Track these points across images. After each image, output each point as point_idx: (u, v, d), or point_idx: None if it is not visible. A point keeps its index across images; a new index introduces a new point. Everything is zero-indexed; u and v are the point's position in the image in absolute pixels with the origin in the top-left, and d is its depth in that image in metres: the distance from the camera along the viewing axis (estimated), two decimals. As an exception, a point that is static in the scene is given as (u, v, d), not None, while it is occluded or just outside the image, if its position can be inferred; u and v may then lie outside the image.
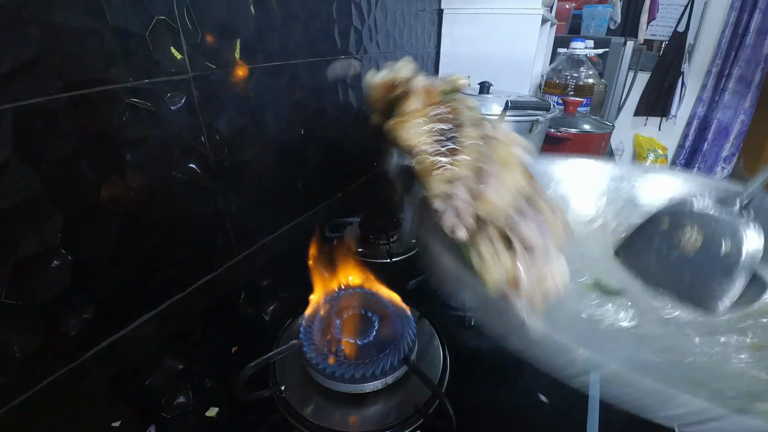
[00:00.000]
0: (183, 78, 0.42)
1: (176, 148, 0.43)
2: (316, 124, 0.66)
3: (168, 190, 0.43)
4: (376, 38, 0.77)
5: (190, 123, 0.44)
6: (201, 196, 0.47)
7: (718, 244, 0.35)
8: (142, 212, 0.41)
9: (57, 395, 0.35)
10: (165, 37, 0.39)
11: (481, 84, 0.74)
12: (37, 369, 0.35)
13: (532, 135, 0.69)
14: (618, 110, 1.87)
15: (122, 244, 0.39)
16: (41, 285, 0.33)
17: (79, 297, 0.36)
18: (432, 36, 1.07)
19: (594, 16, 1.68)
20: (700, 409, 0.18)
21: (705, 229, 0.36)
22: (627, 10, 2.49)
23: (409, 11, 0.90)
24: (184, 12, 0.40)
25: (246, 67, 0.49)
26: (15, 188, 0.30)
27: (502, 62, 1.05)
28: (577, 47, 1.14)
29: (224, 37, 0.46)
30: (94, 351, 0.39)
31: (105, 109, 0.35)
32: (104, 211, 0.37)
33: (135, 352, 0.41)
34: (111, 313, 0.40)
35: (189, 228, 0.46)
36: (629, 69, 1.73)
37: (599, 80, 1.18)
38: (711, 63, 2.76)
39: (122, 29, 0.35)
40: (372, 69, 0.36)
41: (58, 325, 0.35)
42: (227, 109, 0.48)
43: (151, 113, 0.39)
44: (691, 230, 0.37)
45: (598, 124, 0.93)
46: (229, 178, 0.50)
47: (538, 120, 0.66)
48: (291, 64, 0.57)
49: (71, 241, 0.35)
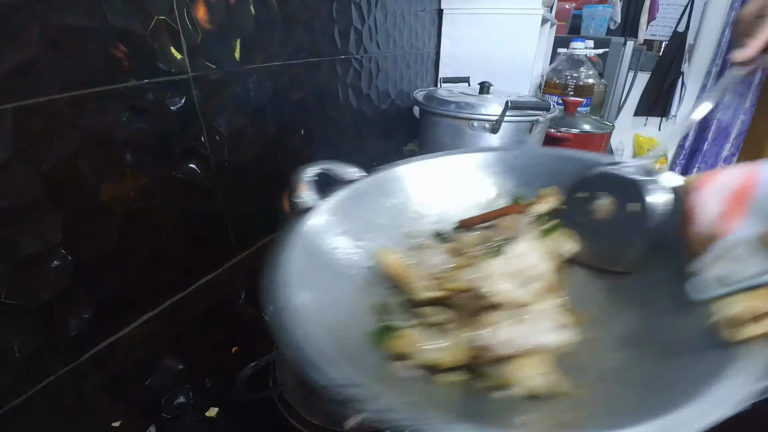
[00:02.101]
0: (183, 78, 0.42)
1: (176, 148, 0.43)
2: (316, 124, 0.66)
3: (168, 190, 0.43)
4: (376, 38, 0.77)
5: (190, 123, 0.44)
6: (201, 196, 0.47)
7: (625, 205, 0.37)
8: (142, 212, 0.41)
9: (57, 395, 0.35)
10: (165, 37, 0.39)
11: (481, 84, 0.74)
12: (37, 369, 0.35)
13: (532, 135, 0.69)
14: (618, 110, 1.87)
15: (122, 244, 0.39)
16: (41, 285, 0.33)
17: (79, 297, 0.36)
18: (432, 36, 1.07)
19: (594, 17, 1.68)
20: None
21: (616, 193, 0.38)
22: (627, 10, 2.49)
23: (409, 11, 0.90)
24: (184, 12, 0.40)
25: (246, 67, 0.49)
26: (15, 188, 0.30)
27: (502, 62, 1.05)
28: (577, 47, 1.14)
29: (224, 37, 0.46)
30: (94, 351, 0.39)
31: (105, 109, 0.35)
32: (104, 211, 0.37)
33: (135, 352, 0.41)
34: (111, 313, 0.40)
35: (189, 228, 0.46)
36: (629, 69, 1.73)
37: (599, 80, 1.18)
38: (711, 63, 2.75)
39: (122, 29, 0.35)
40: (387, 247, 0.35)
41: (58, 325, 0.35)
42: (227, 109, 0.48)
43: (151, 113, 0.39)
44: (603, 196, 0.38)
45: (598, 124, 0.93)
46: (229, 178, 0.50)
47: (538, 120, 0.66)
48: (291, 64, 0.57)
49: (71, 241, 0.35)
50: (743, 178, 0.27)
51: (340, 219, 0.38)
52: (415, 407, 0.21)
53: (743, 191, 0.26)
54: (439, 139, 0.73)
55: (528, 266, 0.29)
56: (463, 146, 0.70)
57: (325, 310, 0.29)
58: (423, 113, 0.75)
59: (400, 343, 0.29)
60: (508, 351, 0.26)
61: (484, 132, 0.68)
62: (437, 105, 0.70)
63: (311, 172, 0.39)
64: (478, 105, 0.67)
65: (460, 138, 0.70)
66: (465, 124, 0.68)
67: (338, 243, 0.37)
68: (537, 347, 0.27)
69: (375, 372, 0.28)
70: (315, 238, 0.35)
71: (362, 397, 0.21)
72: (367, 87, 0.79)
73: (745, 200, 0.26)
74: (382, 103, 0.86)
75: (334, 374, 0.22)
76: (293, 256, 0.32)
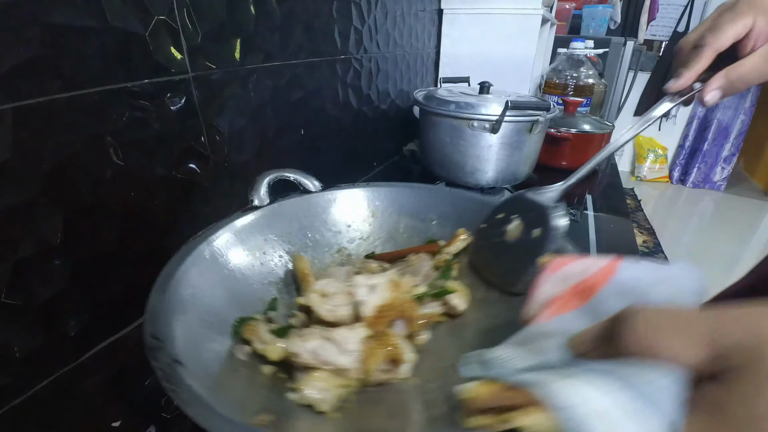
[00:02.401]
0: (183, 78, 0.42)
1: (176, 148, 0.43)
2: (316, 124, 0.66)
3: (168, 190, 0.43)
4: (376, 38, 0.77)
5: (190, 123, 0.44)
6: (201, 196, 0.47)
7: (532, 229, 0.38)
8: (141, 212, 0.41)
9: (57, 395, 0.35)
10: (165, 37, 0.39)
11: (481, 84, 0.74)
12: (37, 369, 0.35)
13: (532, 135, 0.69)
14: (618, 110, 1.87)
15: (122, 244, 0.39)
16: (41, 285, 0.33)
17: (79, 297, 0.37)
18: (432, 36, 1.07)
19: (594, 16, 1.68)
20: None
21: (525, 217, 0.40)
22: (627, 10, 2.49)
23: (409, 11, 0.90)
24: (184, 12, 0.40)
25: (246, 67, 0.49)
26: (15, 188, 0.30)
27: (502, 62, 1.05)
28: (577, 47, 1.14)
29: (224, 37, 0.46)
30: (94, 351, 0.39)
31: (105, 109, 0.35)
32: (104, 211, 0.37)
33: (135, 352, 0.40)
34: (111, 313, 0.40)
35: (189, 228, 0.46)
36: (629, 69, 1.73)
37: (599, 80, 1.18)
38: (711, 63, 2.75)
39: (122, 29, 0.35)
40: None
41: (58, 325, 0.35)
42: (227, 109, 0.48)
43: (151, 113, 0.39)
44: (516, 220, 0.40)
45: (598, 124, 0.93)
46: (229, 178, 0.50)
47: (538, 120, 0.66)
48: (291, 64, 0.57)
49: (71, 241, 0.35)
50: (597, 272, 0.24)
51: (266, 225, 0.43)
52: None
53: (589, 285, 0.24)
54: (439, 139, 0.73)
55: (359, 296, 0.33)
56: (463, 146, 0.70)
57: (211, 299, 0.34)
58: (423, 113, 0.75)
59: (247, 331, 0.33)
60: (308, 361, 0.29)
61: (484, 132, 0.68)
62: (437, 105, 0.70)
63: (270, 176, 0.43)
64: (478, 105, 0.67)
65: (460, 138, 0.70)
66: (465, 124, 0.68)
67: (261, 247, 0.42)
68: (333, 365, 0.30)
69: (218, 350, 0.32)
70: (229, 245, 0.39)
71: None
72: (367, 87, 0.79)
73: (586, 295, 0.24)
74: (382, 103, 0.86)
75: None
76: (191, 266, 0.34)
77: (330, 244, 0.47)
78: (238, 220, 0.40)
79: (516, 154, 0.71)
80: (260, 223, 0.42)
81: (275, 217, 0.43)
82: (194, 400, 0.22)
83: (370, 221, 0.49)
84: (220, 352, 0.32)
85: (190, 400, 0.22)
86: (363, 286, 0.34)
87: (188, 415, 0.21)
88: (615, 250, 0.63)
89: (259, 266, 0.41)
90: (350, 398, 0.30)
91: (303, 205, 0.46)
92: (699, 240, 2.34)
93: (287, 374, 0.32)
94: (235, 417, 0.22)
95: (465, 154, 0.71)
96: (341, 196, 0.48)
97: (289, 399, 0.29)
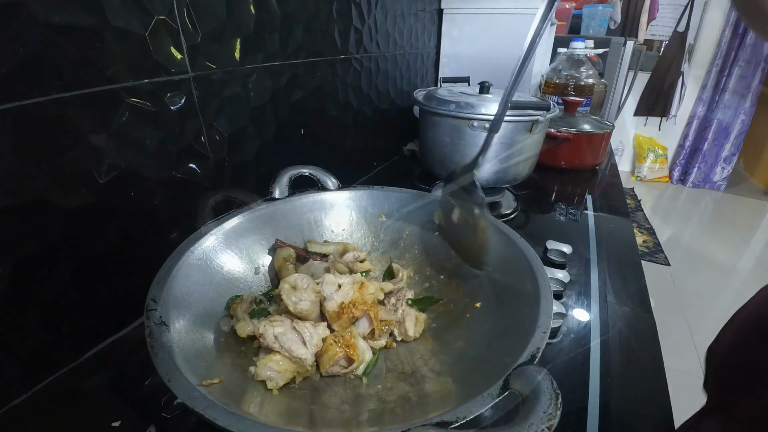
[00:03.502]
0: (183, 78, 0.42)
1: (176, 148, 0.43)
2: (316, 124, 0.66)
3: (168, 190, 0.43)
4: (376, 38, 0.77)
5: (190, 123, 0.44)
6: (201, 196, 0.47)
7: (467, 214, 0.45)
8: (142, 212, 0.41)
9: (57, 395, 0.35)
10: (165, 37, 0.39)
11: (481, 84, 0.74)
12: (37, 369, 0.35)
13: (532, 135, 0.69)
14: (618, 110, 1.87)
15: (122, 244, 0.39)
16: (41, 285, 0.33)
17: (79, 297, 0.37)
18: (432, 36, 1.07)
19: (594, 16, 1.68)
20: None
21: (461, 207, 0.47)
22: (627, 10, 2.49)
23: (409, 11, 0.90)
24: (184, 12, 0.40)
25: (246, 67, 0.49)
26: (15, 188, 0.30)
27: (502, 62, 1.05)
28: (577, 47, 1.14)
29: (224, 37, 0.46)
30: (94, 351, 0.39)
31: (105, 109, 0.35)
32: (104, 211, 0.37)
33: (135, 352, 0.41)
34: (111, 313, 0.40)
35: (189, 228, 0.46)
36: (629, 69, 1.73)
37: (599, 80, 1.18)
38: (711, 63, 2.76)
39: (122, 29, 0.35)
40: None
41: (58, 325, 0.35)
42: (227, 109, 0.48)
43: (151, 113, 0.39)
44: (457, 209, 0.47)
45: (598, 124, 0.93)
46: (229, 178, 0.50)
47: (538, 120, 0.66)
48: (291, 64, 0.57)
49: (71, 241, 0.35)
50: None
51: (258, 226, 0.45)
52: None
53: None
54: (439, 138, 0.73)
55: (326, 292, 0.36)
56: (463, 146, 0.70)
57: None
58: (423, 113, 0.75)
59: (232, 306, 0.37)
60: (271, 344, 0.33)
61: (484, 132, 0.68)
62: (437, 105, 0.70)
63: (292, 172, 0.48)
64: (478, 105, 0.67)
65: (460, 138, 0.70)
66: (465, 124, 0.68)
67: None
68: (292, 353, 0.33)
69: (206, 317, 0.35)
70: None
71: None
72: (367, 87, 0.79)
73: None
74: (382, 103, 0.86)
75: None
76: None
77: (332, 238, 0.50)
78: (259, 210, 0.45)
79: (516, 154, 0.71)
80: (274, 213, 0.46)
81: (286, 210, 0.47)
82: (164, 356, 0.26)
83: (376, 223, 0.52)
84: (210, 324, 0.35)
85: (160, 355, 0.26)
86: (331, 283, 0.36)
87: (154, 364, 0.25)
88: (615, 250, 0.63)
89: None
90: (302, 385, 0.33)
91: (318, 199, 0.50)
92: (699, 240, 2.34)
93: (255, 353, 0.35)
94: (192, 377, 0.25)
95: (465, 154, 0.71)
96: (353, 196, 0.52)
97: (250, 373, 0.32)
